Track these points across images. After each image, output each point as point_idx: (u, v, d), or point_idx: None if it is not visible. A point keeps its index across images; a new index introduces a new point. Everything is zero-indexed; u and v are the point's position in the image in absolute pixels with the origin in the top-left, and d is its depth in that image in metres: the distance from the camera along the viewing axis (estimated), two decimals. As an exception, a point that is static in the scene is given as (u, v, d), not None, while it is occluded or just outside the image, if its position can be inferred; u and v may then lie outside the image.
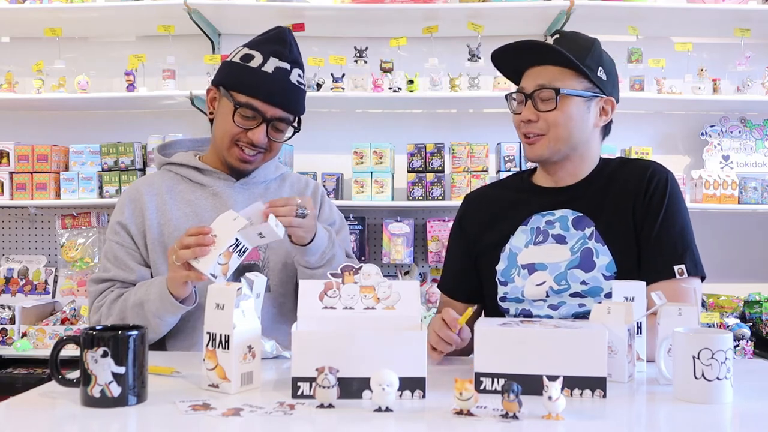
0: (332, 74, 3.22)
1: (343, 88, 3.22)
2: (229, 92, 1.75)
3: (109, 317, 1.70)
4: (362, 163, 3.22)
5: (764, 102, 3.28)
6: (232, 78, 1.76)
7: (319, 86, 3.24)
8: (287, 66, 1.75)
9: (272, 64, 1.73)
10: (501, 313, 1.71)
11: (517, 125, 1.70)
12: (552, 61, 1.64)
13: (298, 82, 1.78)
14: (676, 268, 1.58)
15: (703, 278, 1.63)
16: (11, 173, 3.28)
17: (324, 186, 3.22)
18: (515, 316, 1.68)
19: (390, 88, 3.22)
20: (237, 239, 1.48)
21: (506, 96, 1.75)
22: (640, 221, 1.63)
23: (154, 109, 3.52)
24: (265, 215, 1.51)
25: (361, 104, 3.48)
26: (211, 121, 1.85)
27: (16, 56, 3.52)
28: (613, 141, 3.19)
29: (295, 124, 1.81)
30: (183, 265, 1.52)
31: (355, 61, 3.25)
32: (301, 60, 1.81)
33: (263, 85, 1.72)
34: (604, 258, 1.61)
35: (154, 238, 1.79)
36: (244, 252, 1.51)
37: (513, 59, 1.70)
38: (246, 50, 1.77)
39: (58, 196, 3.28)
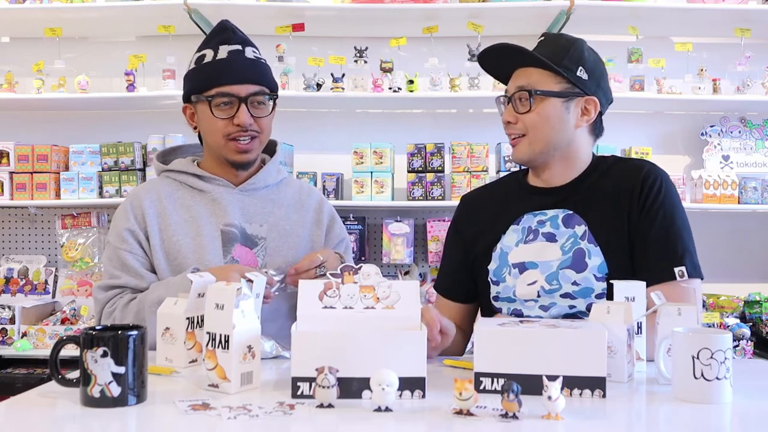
0: (332, 74, 3.22)
1: (343, 88, 3.22)
2: (200, 95, 1.80)
3: (124, 320, 1.70)
4: (362, 163, 3.22)
5: (764, 102, 3.28)
6: (195, 82, 1.82)
7: (319, 86, 3.23)
8: (238, 47, 1.81)
9: (224, 51, 1.80)
10: (495, 313, 1.71)
11: (504, 127, 1.72)
12: (529, 63, 1.66)
13: (255, 57, 1.83)
14: (676, 270, 1.57)
15: (701, 279, 1.62)
16: (11, 173, 3.28)
17: (324, 186, 3.24)
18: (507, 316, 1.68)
19: (390, 88, 3.22)
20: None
21: (496, 99, 1.77)
22: (634, 222, 1.62)
23: (154, 109, 3.52)
24: (294, 282, 1.66)
25: (361, 104, 3.48)
26: (200, 136, 1.90)
27: (16, 56, 3.52)
28: (613, 141, 3.19)
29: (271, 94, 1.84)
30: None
31: (355, 61, 3.25)
32: (250, 40, 1.86)
33: (224, 70, 1.78)
34: (596, 259, 1.61)
35: (155, 244, 1.80)
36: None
37: (497, 63, 1.73)
38: (197, 54, 1.84)
39: (58, 196, 3.28)
